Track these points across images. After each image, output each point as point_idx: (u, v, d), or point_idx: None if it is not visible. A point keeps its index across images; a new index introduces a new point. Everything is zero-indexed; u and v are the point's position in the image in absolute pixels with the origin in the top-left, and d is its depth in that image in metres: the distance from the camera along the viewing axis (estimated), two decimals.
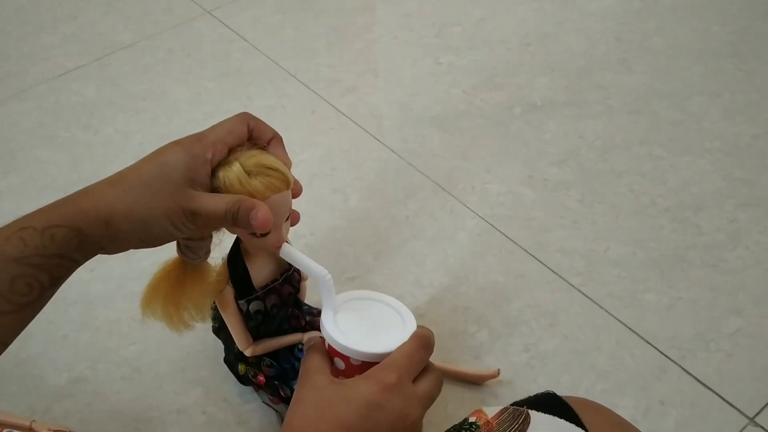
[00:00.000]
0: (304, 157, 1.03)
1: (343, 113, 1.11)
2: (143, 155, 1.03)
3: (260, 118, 0.55)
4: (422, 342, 0.52)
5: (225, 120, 0.54)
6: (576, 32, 1.25)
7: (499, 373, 0.75)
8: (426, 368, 0.52)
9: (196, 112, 1.12)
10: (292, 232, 0.63)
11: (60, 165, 1.04)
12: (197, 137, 0.52)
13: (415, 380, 0.50)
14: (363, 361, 0.52)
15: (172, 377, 0.78)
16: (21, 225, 0.46)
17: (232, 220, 0.50)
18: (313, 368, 0.51)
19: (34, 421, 0.74)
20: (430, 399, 0.50)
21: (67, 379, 0.78)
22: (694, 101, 1.10)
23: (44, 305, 0.48)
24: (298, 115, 1.11)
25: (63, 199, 0.49)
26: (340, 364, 0.54)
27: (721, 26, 1.24)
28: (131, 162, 1.02)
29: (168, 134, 1.07)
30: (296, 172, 1.00)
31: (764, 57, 1.17)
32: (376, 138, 1.06)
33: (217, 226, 0.53)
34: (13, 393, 0.77)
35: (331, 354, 0.54)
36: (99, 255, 0.50)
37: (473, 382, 0.76)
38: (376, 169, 1.02)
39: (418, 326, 0.54)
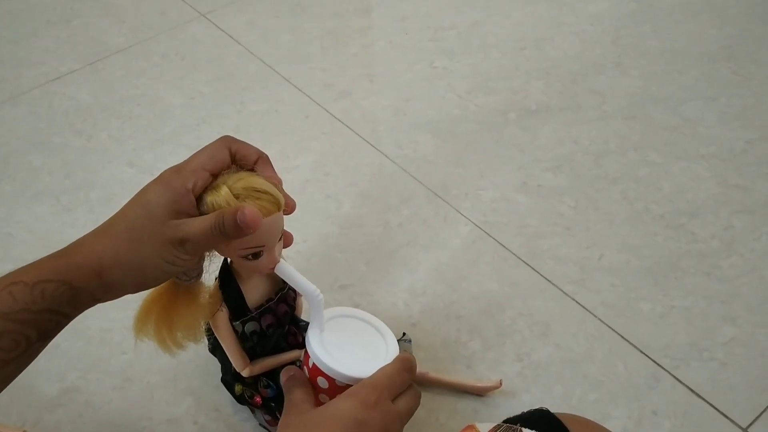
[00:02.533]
0: (297, 163, 1.03)
1: (337, 118, 1.11)
2: (137, 161, 1.04)
3: (242, 140, 0.54)
4: (405, 365, 0.53)
5: (206, 146, 0.53)
6: (571, 36, 1.24)
7: (501, 384, 0.75)
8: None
9: (190, 117, 1.11)
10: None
11: (53, 171, 1.04)
12: (176, 169, 0.51)
13: (395, 399, 0.51)
14: (347, 384, 0.53)
15: (163, 387, 0.78)
16: (11, 280, 0.46)
17: (221, 232, 0.49)
18: (297, 399, 0.52)
19: (25, 431, 0.74)
20: (408, 414, 0.51)
21: (59, 389, 0.78)
22: (689, 106, 1.09)
23: (32, 360, 0.48)
24: (292, 120, 1.10)
25: (54, 253, 0.49)
26: (324, 383, 0.54)
27: (717, 29, 1.23)
28: (125, 168, 1.03)
29: (161, 139, 1.08)
30: (289, 178, 1.00)
31: (760, 61, 1.17)
32: (369, 143, 1.06)
33: (209, 247, 0.52)
34: (4, 403, 0.77)
35: (313, 373, 0.54)
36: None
37: (475, 393, 0.76)
38: (370, 175, 1.01)
39: (402, 350, 0.56)
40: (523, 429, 0.52)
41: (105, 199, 0.99)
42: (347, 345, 0.55)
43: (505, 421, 0.54)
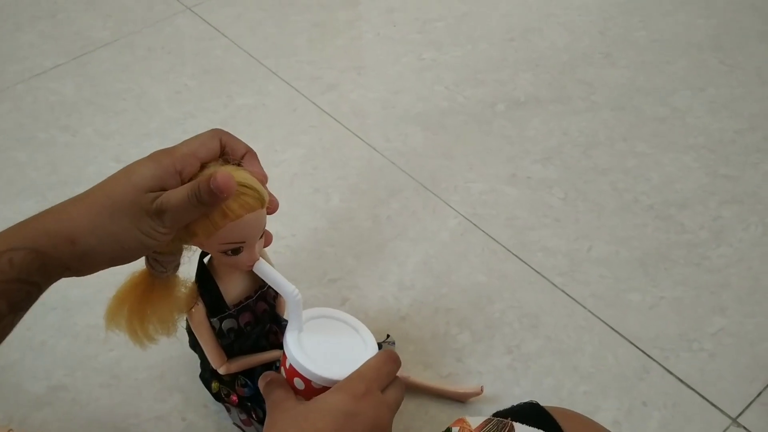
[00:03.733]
0: (285, 157, 1.02)
1: (325, 111, 1.10)
2: (123, 156, 1.03)
3: (233, 134, 0.54)
4: (391, 356, 0.53)
5: (198, 134, 0.52)
6: (560, 27, 1.24)
7: (482, 391, 0.74)
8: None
9: (176, 111, 1.10)
10: (272, 233, 0.62)
11: (38, 167, 1.03)
12: (167, 150, 0.50)
13: (383, 390, 0.51)
14: (324, 386, 0.53)
15: (151, 384, 0.77)
16: None
17: (198, 200, 0.48)
18: (279, 398, 0.52)
19: (11, 429, 0.74)
20: (397, 404, 0.52)
21: (46, 387, 0.77)
22: (678, 96, 1.09)
23: (6, 334, 0.46)
24: (280, 114, 1.10)
25: (25, 220, 0.47)
26: (300, 384, 0.54)
27: (705, 20, 1.23)
28: (111, 163, 1.02)
29: (148, 134, 1.07)
30: (277, 172, 1.00)
31: (748, 51, 1.17)
32: (358, 136, 1.05)
33: (186, 218, 0.50)
34: None
35: (290, 374, 0.54)
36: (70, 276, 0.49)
37: (456, 400, 0.75)
38: (359, 168, 1.01)
39: (385, 346, 0.55)
40: (514, 423, 0.51)
41: None
42: (325, 346, 0.55)
43: (495, 415, 0.54)
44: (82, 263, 0.48)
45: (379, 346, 0.78)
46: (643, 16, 1.25)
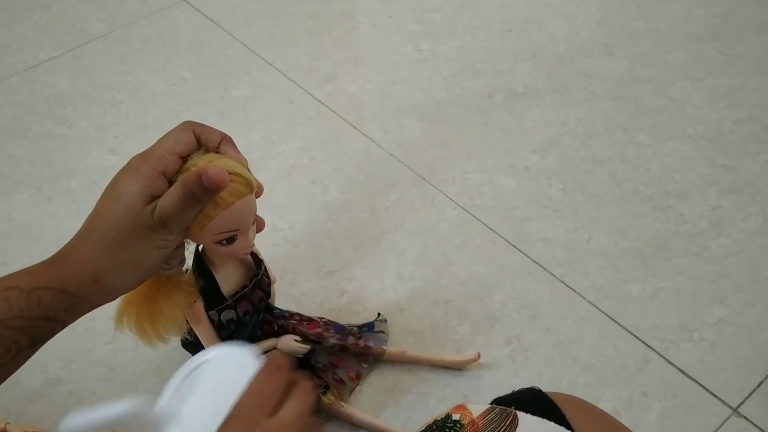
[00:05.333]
0: (282, 149, 1.02)
1: (322, 103, 1.09)
2: (119, 148, 1.03)
3: (204, 123, 0.53)
4: (270, 369, 0.43)
5: (169, 131, 0.52)
6: (558, 17, 1.23)
7: (479, 356, 0.75)
8: (287, 386, 0.43)
9: (172, 103, 1.10)
10: (270, 226, 0.61)
11: (33, 160, 1.02)
12: (143, 156, 0.50)
13: (279, 408, 0.42)
14: None
15: (148, 376, 0.77)
16: (7, 284, 0.44)
17: (192, 198, 0.47)
18: None
19: (8, 423, 0.73)
20: (301, 417, 0.42)
21: (42, 380, 0.77)
22: (676, 86, 1.09)
23: (20, 366, 0.46)
24: (277, 105, 1.09)
25: (48, 260, 0.47)
26: None
27: (703, 9, 1.23)
28: (107, 156, 1.02)
29: (143, 126, 1.06)
30: (274, 164, 0.99)
31: (746, 41, 1.16)
32: (355, 128, 1.05)
33: (188, 217, 0.50)
34: None
35: None
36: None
37: (455, 368, 0.75)
38: (356, 160, 1.00)
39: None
40: (519, 413, 0.51)
41: (87, 187, 0.97)
42: (204, 405, 0.42)
43: (495, 402, 0.53)
44: (110, 296, 0.48)
45: (372, 325, 0.78)
46: (641, 6, 1.24)
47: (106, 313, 0.81)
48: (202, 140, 0.52)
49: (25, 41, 1.23)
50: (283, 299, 0.81)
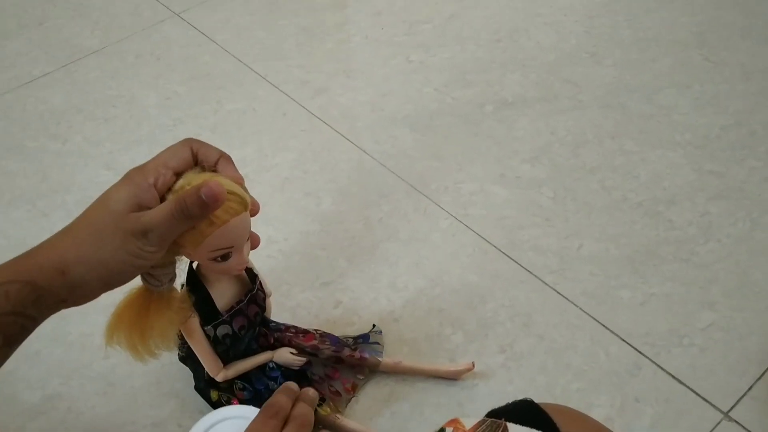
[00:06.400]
0: (275, 161, 1.03)
1: (314, 115, 1.10)
2: (113, 163, 1.03)
3: (204, 141, 0.54)
4: (267, 413, 0.49)
5: (169, 146, 0.53)
6: (546, 27, 1.25)
7: (474, 366, 0.76)
8: (286, 422, 0.50)
9: (166, 117, 1.10)
10: (265, 238, 0.62)
11: (29, 176, 1.03)
12: (139, 167, 0.51)
13: None
14: None
15: (146, 390, 0.78)
16: None
17: (184, 215, 0.48)
18: None
19: None
20: None
21: (41, 396, 0.77)
22: (663, 93, 1.10)
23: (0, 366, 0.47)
24: (269, 118, 1.10)
25: (19, 255, 0.48)
26: None
27: (688, 17, 1.24)
28: (102, 171, 1.03)
29: (138, 141, 1.07)
30: (268, 177, 1.00)
31: (732, 47, 1.18)
32: (348, 139, 1.06)
33: (173, 234, 0.50)
34: None
35: None
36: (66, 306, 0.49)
37: (450, 378, 0.76)
38: (349, 171, 1.01)
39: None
40: (508, 423, 0.51)
41: (82, 202, 0.97)
42: None
43: (489, 414, 0.54)
44: (76, 293, 0.48)
45: (367, 336, 0.79)
46: (628, 14, 1.26)
47: (102, 328, 0.82)
48: (200, 158, 0.53)
49: (19, 57, 1.24)
50: (278, 311, 0.82)
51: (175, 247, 0.54)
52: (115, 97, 1.15)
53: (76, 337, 0.83)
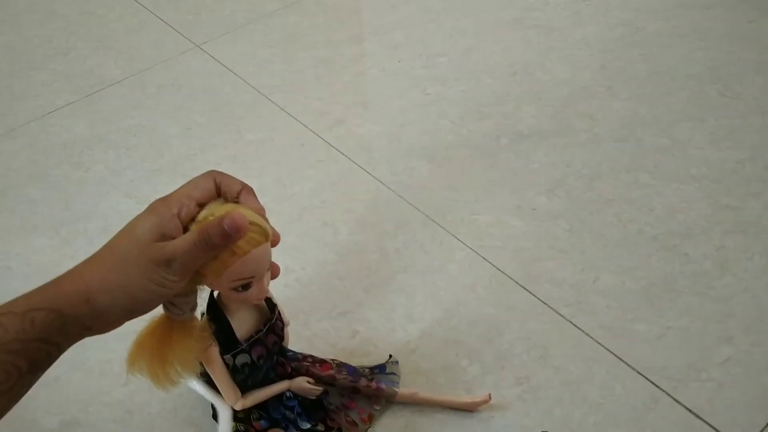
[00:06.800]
0: (293, 191, 1.04)
1: (332, 146, 1.12)
2: (134, 192, 1.05)
3: (227, 173, 0.55)
4: None
5: (192, 178, 0.54)
6: (561, 60, 1.26)
7: (490, 398, 0.76)
8: None
9: (187, 146, 1.12)
10: (282, 267, 0.63)
11: (51, 203, 1.05)
12: (163, 198, 0.52)
13: None
14: None
15: (164, 418, 0.78)
16: (2, 311, 0.46)
17: (207, 245, 0.49)
18: None
19: None
20: None
21: (59, 422, 0.78)
22: (679, 127, 1.11)
23: (23, 394, 0.47)
24: (288, 148, 1.12)
25: (45, 283, 0.49)
26: None
27: (703, 51, 1.26)
28: (122, 199, 1.04)
29: (158, 170, 1.09)
30: (286, 206, 1.01)
31: (746, 82, 1.19)
32: (365, 170, 1.07)
33: (196, 264, 0.51)
34: None
35: None
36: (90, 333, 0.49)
37: (467, 410, 0.76)
38: (366, 202, 1.02)
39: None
40: None
41: (103, 230, 1.00)
42: None
43: None
44: (100, 321, 0.49)
45: (383, 367, 0.79)
46: (643, 49, 1.27)
47: (122, 355, 0.83)
48: (222, 189, 0.54)
49: (44, 87, 1.26)
50: (295, 340, 0.83)
51: (197, 277, 0.55)
52: (136, 126, 1.17)
53: (96, 364, 0.83)
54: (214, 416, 0.75)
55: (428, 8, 1.42)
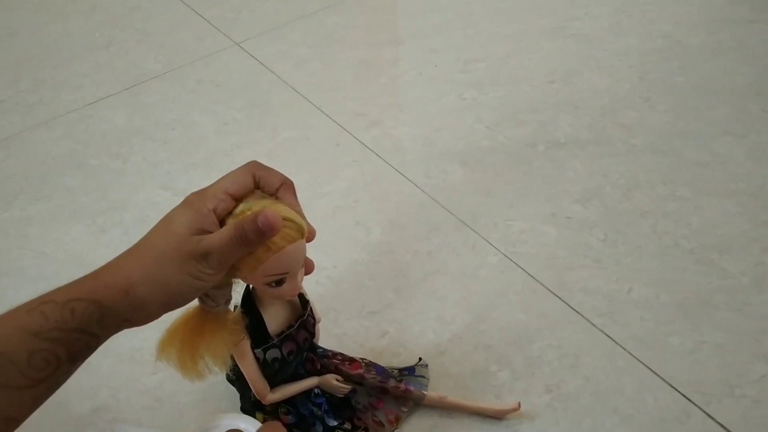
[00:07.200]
0: (327, 189, 1.04)
1: (367, 146, 1.12)
2: (170, 184, 1.06)
3: (268, 166, 0.55)
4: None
5: (231, 171, 0.54)
6: (600, 70, 1.25)
7: (519, 407, 0.75)
8: None
9: (224, 142, 1.13)
10: (315, 264, 0.63)
11: (89, 192, 1.06)
12: (200, 191, 0.52)
13: None
14: None
15: (192, 407, 0.79)
16: (43, 299, 0.47)
17: (242, 240, 0.49)
18: None
19: None
20: None
21: (90, 407, 0.79)
22: (718, 142, 1.09)
23: (61, 383, 0.48)
24: (323, 148, 1.12)
25: (85, 275, 0.50)
26: None
27: (746, 67, 1.24)
28: (159, 191, 1.06)
29: (195, 164, 1.10)
30: (320, 204, 1.02)
31: None
32: (399, 172, 1.07)
33: (232, 258, 0.52)
34: (34, 419, 0.77)
35: None
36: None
37: (494, 417, 0.76)
38: (399, 203, 1.02)
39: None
40: None
41: (139, 221, 1.01)
42: None
43: None
44: (138, 313, 0.50)
45: (412, 369, 0.79)
46: (683, 62, 1.26)
47: (153, 343, 0.84)
48: (261, 183, 0.54)
49: (85, 78, 1.28)
50: (325, 337, 0.83)
51: (232, 270, 0.55)
52: (174, 120, 1.19)
53: (126, 350, 0.84)
54: (243, 409, 0.75)
55: (467, 14, 1.42)
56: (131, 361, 0.83)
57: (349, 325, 0.86)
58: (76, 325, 0.47)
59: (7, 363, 0.44)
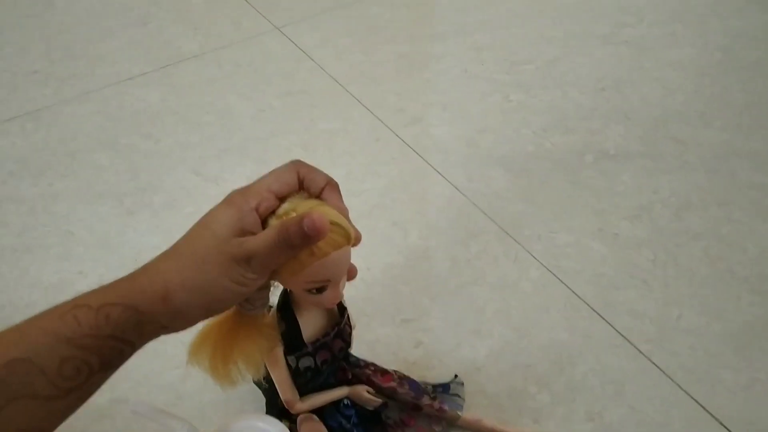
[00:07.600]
0: (364, 187, 1.00)
1: (407, 144, 1.08)
2: (202, 169, 1.03)
3: (312, 165, 0.51)
4: None
5: (274, 168, 0.50)
6: (653, 81, 1.20)
7: None
8: None
9: (259, 129, 1.09)
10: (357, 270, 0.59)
11: (118, 171, 1.03)
12: (242, 189, 0.49)
13: None
14: None
15: (214, 407, 0.75)
16: (77, 303, 0.43)
17: (287, 244, 0.46)
18: None
19: None
20: None
21: (109, 399, 0.76)
22: None
23: (92, 393, 0.45)
24: (362, 142, 1.08)
25: (122, 277, 0.46)
26: None
27: None
28: (190, 175, 1.02)
29: (228, 149, 1.06)
30: (357, 202, 0.98)
31: None
32: (439, 173, 1.03)
33: (276, 262, 0.48)
34: None
35: None
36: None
37: None
38: (438, 206, 0.98)
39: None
40: None
41: (168, 204, 0.97)
42: None
43: None
44: (177, 319, 0.46)
45: (447, 386, 0.74)
46: (741, 78, 1.21)
47: (177, 337, 0.80)
48: (305, 183, 0.51)
49: (120, 54, 1.25)
50: (356, 343, 0.79)
51: (273, 274, 0.51)
52: (209, 103, 1.15)
53: (150, 345, 0.81)
54: (268, 412, 0.71)
55: (514, 12, 1.37)
56: (155, 356, 0.79)
57: (381, 332, 0.82)
58: (111, 332, 0.43)
59: (36, 372, 0.41)
